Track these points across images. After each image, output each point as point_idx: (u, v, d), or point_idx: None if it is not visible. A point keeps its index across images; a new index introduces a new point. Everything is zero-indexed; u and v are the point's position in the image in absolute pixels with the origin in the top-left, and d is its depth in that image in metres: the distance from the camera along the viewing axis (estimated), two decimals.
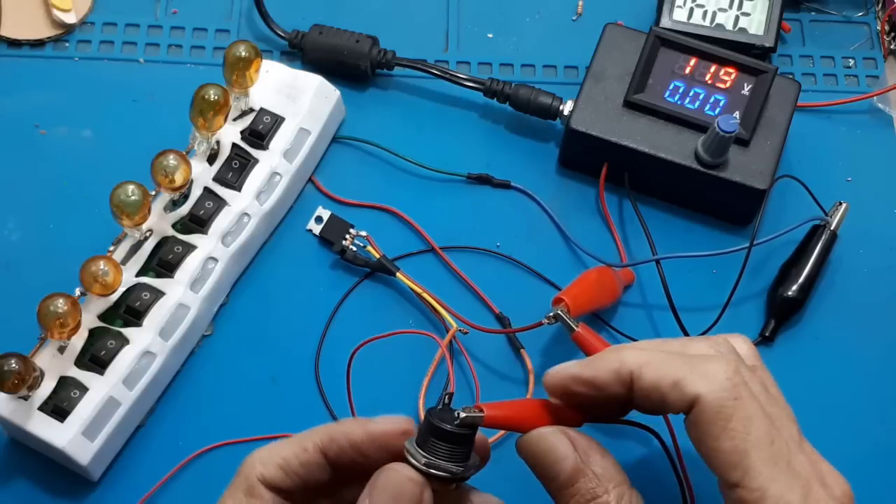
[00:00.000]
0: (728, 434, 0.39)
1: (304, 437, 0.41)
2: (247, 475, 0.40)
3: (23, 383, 0.48)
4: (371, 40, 0.64)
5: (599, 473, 0.40)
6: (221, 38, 0.66)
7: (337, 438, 0.41)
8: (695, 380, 0.39)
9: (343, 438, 0.41)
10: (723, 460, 0.39)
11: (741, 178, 0.58)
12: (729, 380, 0.39)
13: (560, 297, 0.54)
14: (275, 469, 0.40)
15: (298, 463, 0.40)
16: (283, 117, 0.59)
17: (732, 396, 0.39)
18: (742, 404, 0.39)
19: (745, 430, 0.39)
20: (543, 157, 0.64)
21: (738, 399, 0.39)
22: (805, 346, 0.59)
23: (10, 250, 0.58)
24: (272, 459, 0.40)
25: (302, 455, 0.40)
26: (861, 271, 0.61)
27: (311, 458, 0.41)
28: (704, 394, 0.39)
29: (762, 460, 0.38)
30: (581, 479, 0.40)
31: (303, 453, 0.40)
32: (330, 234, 0.59)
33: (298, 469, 0.40)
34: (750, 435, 0.39)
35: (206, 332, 0.57)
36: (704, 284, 0.60)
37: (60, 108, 0.62)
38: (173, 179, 0.54)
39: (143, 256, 0.55)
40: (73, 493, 0.53)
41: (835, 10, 0.70)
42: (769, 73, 0.59)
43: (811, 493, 0.39)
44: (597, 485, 0.39)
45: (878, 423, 0.57)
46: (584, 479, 0.40)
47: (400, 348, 0.56)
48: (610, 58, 0.62)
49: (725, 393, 0.39)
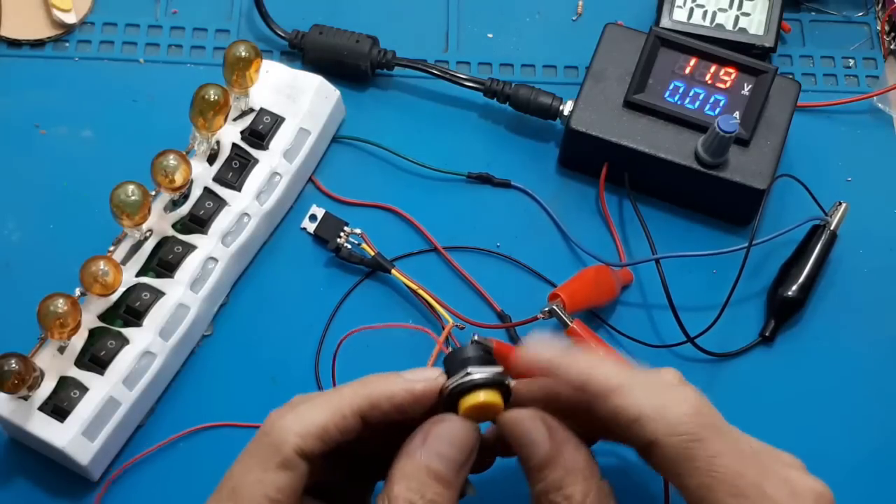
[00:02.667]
0: (694, 472, 0.38)
1: (339, 401, 0.40)
2: (279, 447, 0.39)
3: (23, 383, 0.48)
4: (371, 40, 0.64)
5: (569, 466, 0.40)
6: (221, 38, 0.66)
7: (379, 403, 0.40)
8: (657, 419, 0.39)
9: (386, 403, 0.40)
10: (691, 495, 0.39)
11: (741, 178, 0.58)
12: (691, 420, 0.39)
13: (556, 292, 0.54)
14: (314, 441, 0.39)
15: (337, 431, 0.39)
16: (283, 117, 0.59)
17: (694, 438, 0.38)
18: (705, 445, 0.38)
19: (710, 467, 0.38)
20: (543, 157, 0.64)
21: (700, 441, 0.38)
22: (805, 346, 0.59)
23: (10, 250, 0.58)
24: (310, 430, 0.39)
25: (341, 423, 0.40)
26: (861, 271, 0.61)
27: (349, 424, 0.40)
28: (664, 437, 0.38)
29: (731, 494, 0.38)
30: (551, 467, 0.40)
31: (342, 421, 0.40)
32: (324, 232, 0.59)
33: (336, 436, 0.40)
34: (716, 472, 0.38)
35: (206, 332, 0.57)
36: (704, 284, 0.60)
37: (60, 108, 0.63)
38: (173, 179, 0.54)
39: (143, 256, 0.55)
40: (73, 493, 0.53)
41: (835, 10, 0.70)
42: (769, 73, 0.59)
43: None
44: (564, 476, 0.39)
45: (878, 422, 0.57)
46: (554, 468, 0.40)
47: (397, 345, 0.57)
48: (610, 58, 0.62)
49: (687, 435, 0.38)
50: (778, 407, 0.57)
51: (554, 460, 0.40)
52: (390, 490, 0.39)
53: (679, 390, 0.41)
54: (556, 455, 0.40)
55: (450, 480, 0.39)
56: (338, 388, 0.41)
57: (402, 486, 0.39)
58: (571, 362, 0.41)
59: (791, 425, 0.57)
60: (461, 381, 0.41)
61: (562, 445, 0.40)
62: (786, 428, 0.57)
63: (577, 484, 0.39)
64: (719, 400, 0.45)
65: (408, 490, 0.39)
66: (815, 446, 0.56)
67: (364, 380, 0.41)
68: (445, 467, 0.39)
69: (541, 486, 0.40)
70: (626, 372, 0.41)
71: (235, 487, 0.39)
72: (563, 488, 0.39)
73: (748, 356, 0.59)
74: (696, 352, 0.57)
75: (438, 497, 0.39)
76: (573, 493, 0.39)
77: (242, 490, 0.39)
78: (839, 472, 0.56)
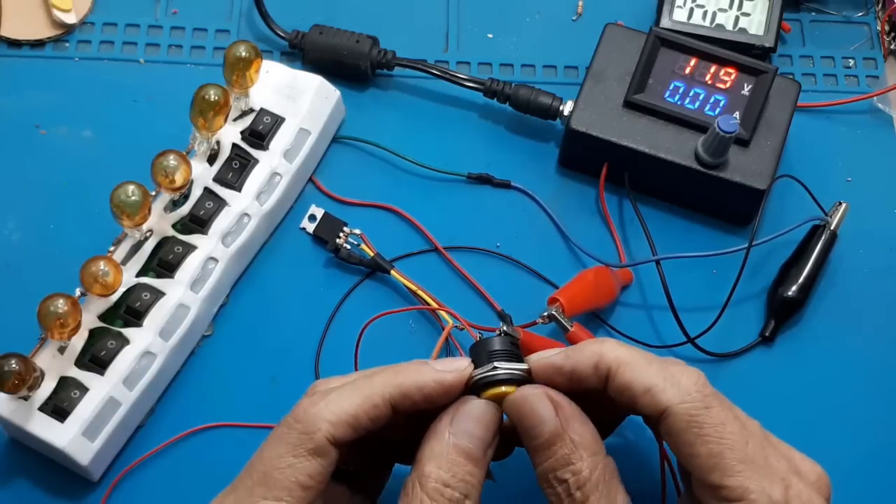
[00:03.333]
0: (702, 440, 0.40)
1: (371, 390, 0.41)
2: (311, 434, 0.40)
3: (23, 384, 0.48)
4: (371, 40, 0.64)
5: (577, 441, 0.40)
6: (221, 39, 0.66)
7: (410, 393, 0.41)
8: (666, 389, 0.41)
9: (417, 393, 0.41)
10: (700, 464, 0.40)
11: (741, 178, 0.58)
12: (699, 391, 0.41)
13: (555, 296, 0.54)
14: (345, 428, 0.40)
15: (368, 419, 0.40)
16: (283, 117, 0.59)
17: (703, 406, 0.40)
18: (712, 412, 0.40)
19: (719, 434, 0.40)
20: (543, 157, 0.64)
21: (708, 408, 0.40)
22: (805, 346, 0.59)
23: (10, 250, 0.58)
24: (341, 418, 0.40)
25: (372, 411, 0.40)
26: (861, 271, 0.61)
27: (380, 412, 0.41)
28: (675, 405, 0.40)
29: (739, 460, 0.39)
30: (558, 443, 0.40)
31: (373, 409, 0.40)
32: (323, 232, 0.59)
33: (367, 424, 0.40)
34: (724, 438, 0.40)
35: (206, 333, 0.57)
36: (704, 284, 0.60)
37: (60, 108, 0.63)
38: (173, 180, 0.54)
39: (143, 257, 0.55)
40: (73, 493, 0.53)
41: (835, 10, 0.70)
42: (769, 73, 0.59)
43: (791, 484, 0.40)
44: (572, 451, 0.40)
45: (877, 422, 0.57)
46: (561, 444, 0.40)
47: (396, 345, 0.57)
48: (610, 58, 0.62)
49: (696, 403, 0.40)
50: (778, 407, 0.57)
51: (560, 436, 0.40)
52: (421, 470, 0.40)
53: (685, 367, 0.42)
54: (563, 431, 0.40)
55: (479, 458, 0.40)
56: (368, 375, 0.42)
57: (433, 466, 0.40)
58: (583, 346, 0.43)
59: (791, 425, 0.56)
60: (486, 374, 0.42)
61: (568, 421, 0.41)
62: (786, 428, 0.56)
63: (583, 460, 0.40)
64: None
65: (438, 469, 0.40)
66: (815, 446, 0.56)
67: (395, 368, 0.42)
68: (475, 445, 0.40)
69: (547, 464, 0.40)
70: (635, 350, 0.42)
71: (266, 472, 0.40)
72: (570, 464, 0.40)
73: (748, 356, 0.59)
74: (696, 352, 0.57)
75: (469, 476, 0.40)
76: (581, 468, 0.40)
77: (274, 474, 0.40)
78: (839, 472, 0.55)
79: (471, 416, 0.41)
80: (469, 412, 0.41)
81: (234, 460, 0.42)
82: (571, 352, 0.43)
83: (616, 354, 0.42)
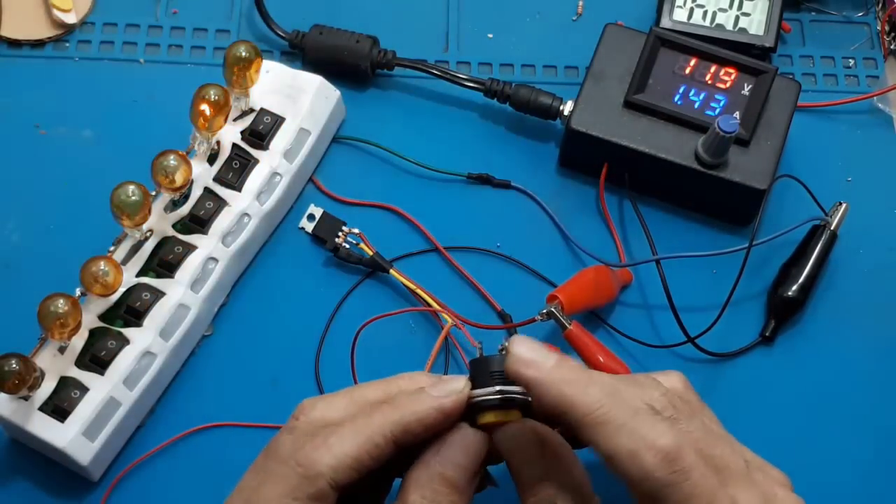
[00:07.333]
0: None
1: (371, 430, 0.40)
2: (313, 480, 0.39)
3: (23, 384, 0.48)
4: (371, 40, 0.64)
5: (562, 482, 0.40)
6: (221, 39, 0.66)
7: (412, 428, 0.40)
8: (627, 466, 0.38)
9: (418, 426, 0.40)
10: None
11: (741, 178, 0.58)
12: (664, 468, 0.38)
13: (554, 294, 0.54)
14: (348, 472, 0.39)
15: (371, 460, 0.39)
16: (283, 117, 0.59)
17: (666, 484, 0.37)
18: (675, 490, 0.37)
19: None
20: (543, 157, 0.64)
21: (671, 486, 0.37)
22: (805, 346, 0.59)
23: (10, 250, 0.58)
24: (344, 462, 0.39)
25: (374, 451, 0.40)
26: (861, 271, 0.61)
27: (383, 452, 0.40)
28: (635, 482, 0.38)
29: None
30: (543, 484, 0.40)
31: (375, 450, 0.40)
32: (322, 231, 0.59)
33: (370, 465, 0.40)
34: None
35: (206, 333, 0.57)
36: (704, 284, 0.60)
37: (60, 108, 0.62)
38: (174, 180, 0.54)
39: (143, 257, 0.55)
40: (73, 493, 0.53)
41: (835, 10, 0.70)
42: (769, 73, 0.59)
43: None
44: (556, 492, 0.40)
45: (877, 422, 0.57)
46: (546, 485, 0.40)
47: (396, 344, 0.57)
48: (610, 58, 0.62)
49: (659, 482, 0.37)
50: (778, 407, 0.57)
51: (546, 476, 0.40)
52: (405, 498, 0.39)
53: (658, 427, 0.38)
54: (550, 470, 0.40)
55: (463, 487, 0.40)
56: (367, 412, 0.41)
57: (417, 495, 0.39)
58: (551, 385, 0.39)
59: (791, 425, 0.57)
60: (485, 398, 0.41)
61: (555, 462, 0.40)
62: (786, 428, 0.57)
63: (567, 501, 0.40)
64: (719, 400, 0.45)
65: (422, 498, 0.39)
66: (815, 446, 0.56)
67: (393, 402, 0.41)
68: (459, 474, 0.40)
69: (531, 501, 0.40)
70: (606, 398, 0.39)
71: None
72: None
73: (748, 356, 0.59)
74: (697, 352, 0.57)
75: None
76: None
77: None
78: (839, 472, 0.56)
79: (457, 445, 0.40)
80: (455, 441, 0.40)
81: (234, 460, 0.42)
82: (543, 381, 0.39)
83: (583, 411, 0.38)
